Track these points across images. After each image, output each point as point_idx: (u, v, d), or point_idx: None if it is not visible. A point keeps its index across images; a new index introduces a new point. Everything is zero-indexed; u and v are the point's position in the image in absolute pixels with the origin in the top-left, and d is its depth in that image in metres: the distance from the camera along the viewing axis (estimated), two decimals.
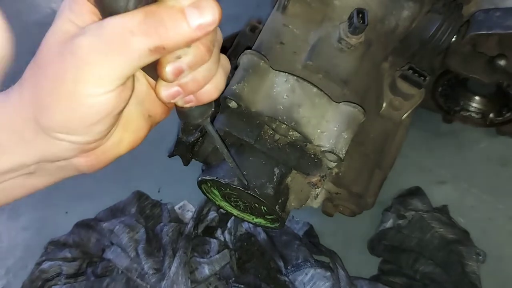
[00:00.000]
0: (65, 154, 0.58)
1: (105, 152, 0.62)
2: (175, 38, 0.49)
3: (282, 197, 1.07)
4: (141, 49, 0.48)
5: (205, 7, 0.49)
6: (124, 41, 0.48)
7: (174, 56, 0.52)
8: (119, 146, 0.63)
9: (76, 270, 1.51)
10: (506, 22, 1.19)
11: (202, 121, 0.63)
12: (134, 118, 0.64)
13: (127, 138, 0.63)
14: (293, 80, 1.04)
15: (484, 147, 1.67)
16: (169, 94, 0.55)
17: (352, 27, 1.05)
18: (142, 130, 0.65)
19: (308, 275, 1.38)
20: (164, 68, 0.51)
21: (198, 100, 0.58)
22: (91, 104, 0.51)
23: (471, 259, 1.41)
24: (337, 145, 1.00)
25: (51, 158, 0.59)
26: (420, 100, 1.21)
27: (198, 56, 0.53)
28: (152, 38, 0.48)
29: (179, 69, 0.52)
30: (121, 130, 0.62)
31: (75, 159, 0.60)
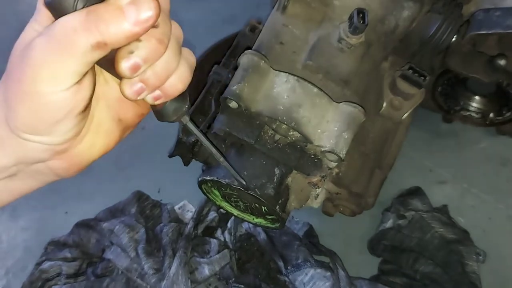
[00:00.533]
0: (38, 156, 0.60)
1: (78, 155, 0.64)
2: (116, 33, 0.51)
3: (283, 197, 1.07)
4: (83, 45, 0.51)
5: (143, 3, 0.51)
6: (68, 39, 0.51)
7: (126, 51, 0.53)
8: (91, 150, 0.65)
9: (76, 270, 1.50)
10: (506, 21, 1.18)
11: (178, 118, 0.65)
12: (105, 121, 0.66)
13: (99, 142, 0.66)
14: (293, 80, 1.04)
15: (484, 147, 1.67)
16: (133, 91, 0.56)
17: (352, 27, 1.05)
18: (113, 134, 0.67)
19: (308, 275, 1.38)
20: (119, 65, 0.53)
21: (166, 95, 0.60)
22: (49, 102, 0.53)
23: (471, 259, 1.41)
24: (338, 145, 1.00)
25: (26, 160, 0.61)
26: (420, 100, 1.21)
27: (151, 49, 0.54)
28: (93, 34, 0.50)
29: (134, 64, 0.53)
30: (92, 133, 0.64)
31: (50, 162, 0.62)
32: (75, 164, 0.65)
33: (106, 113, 0.66)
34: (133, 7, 0.51)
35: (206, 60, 1.71)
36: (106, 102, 0.65)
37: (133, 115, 0.69)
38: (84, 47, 0.51)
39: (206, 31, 1.67)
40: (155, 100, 0.60)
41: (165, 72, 0.57)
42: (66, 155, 0.62)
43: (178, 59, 0.59)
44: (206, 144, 0.76)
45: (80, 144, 0.63)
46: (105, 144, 0.67)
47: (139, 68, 0.54)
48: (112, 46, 0.52)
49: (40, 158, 0.61)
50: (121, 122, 0.68)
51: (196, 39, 1.72)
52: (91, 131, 0.64)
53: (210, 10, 2.13)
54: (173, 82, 0.59)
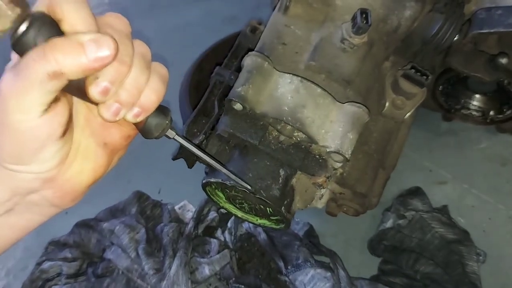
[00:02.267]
0: (28, 186, 0.62)
1: (68, 182, 0.65)
2: (73, 65, 0.53)
3: (288, 198, 1.07)
4: (40, 74, 0.52)
5: (103, 42, 0.53)
6: (28, 69, 0.52)
7: (93, 78, 0.56)
8: (81, 176, 0.66)
9: (77, 270, 1.50)
10: (508, 20, 1.19)
11: (162, 133, 0.67)
12: (90, 147, 0.67)
13: (88, 168, 0.67)
14: (297, 81, 1.04)
15: (484, 147, 1.67)
16: (111, 113, 0.58)
17: (355, 27, 1.05)
18: (101, 159, 0.69)
19: (308, 275, 1.38)
20: (89, 91, 0.56)
21: (144, 109, 0.62)
22: (24, 130, 0.55)
23: (471, 259, 1.41)
24: (343, 145, 1.00)
25: (19, 191, 0.62)
26: (422, 99, 1.21)
27: (116, 72, 0.56)
28: (50, 63, 0.52)
29: (103, 88, 0.56)
30: (80, 160, 0.66)
31: (43, 192, 0.64)
32: (68, 192, 0.66)
33: (91, 139, 0.67)
34: (93, 44, 0.53)
35: (206, 60, 1.72)
36: (90, 128, 0.67)
37: (119, 138, 0.70)
38: (41, 75, 0.52)
39: (206, 31, 1.67)
40: (136, 117, 0.61)
41: (136, 89, 0.59)
42: (56, 183, 0.64)
43: (147, 74, 0.61)
44: (202, 156, 0.77)
45: (68, 170, 0.64)
46: (94, 169, 0.68)
47: (108, 91, 0.56)
48: (68, 77, 0.53)
49: (31, 188, 0.62)
50: (107, 146, 0.69)
51: (196, 39, 1.73)
52: (79, 157, 0.65)
53: (210, 10, 2.13)
54: (147, 95, 0.61)
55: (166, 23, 2.35)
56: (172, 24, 2.35)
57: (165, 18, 2.38)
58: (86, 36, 0.54)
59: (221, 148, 1.14)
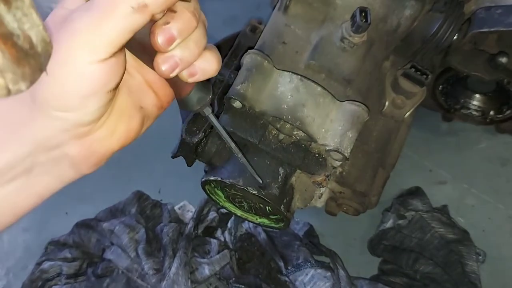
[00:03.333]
0: (60, 136, 0.59)
1: (98, 141, 0.63)
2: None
3: (287, 197, 1.07)
4: (125, 8, 0.52)
5: None
6: (109, 4, 0.52)
7: (162, 23, 0.55)
8: (112, 137, 0.64)
9: (76, 270, 1.51)
10: (508, 19, 1.19)
11: (201, 108, 0.67)
12: (127, 107, 0.65)
13: (120, 129, 0.65)
14: (297, 80, 1.04)
15: (484, 147, 1.67)
16: (169, 66, 0.58)
17: (355, 26, 1.04)
18: (135, 121, 0.67)
19: (308, 275, 1.38)
20: (156, 37, 0.55)
21: (203, 71, 0.61)
22: (83, 72, 0.54)
23: (471, 259, 1.41)
24: (342, 144, 1.00)
25: (45, 143, 0.59)
26: (422, 98, 1.21)
27: (186, 21, 0.56)
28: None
29: (170, 35, 0.55)
30: (114, 119, 0.63)
31: (69, 147, 0.61)
32: (94, 152, 0.64)
33: (128, 99, 0.66)
34: None
35: None
36: (127, 89, 0.66)
37: (153, 105, 0.70)
38: (125, 9, 0.52)
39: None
40: (191, 76, 0.61)
41: (197, 48, 0.59)
42: (87, 140, 0.61)
43: (206, 38, 0.60)
44: (226, 138, 0.77)
45: (101, 129, 0.62)
46: (126, 132, 0.66)
47: (173, 40, 0.56)
48: (152, 10, 0.53)
49: (59, 140, 0.59)
50: (142, 110, 0.68)
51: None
52: (112, 117, 0.63)
53: (210, 10, 2.12)
54: (209, 59, 0.61)
55: None
56: None
57: None
58: None
59: (221, 147, 1.14)
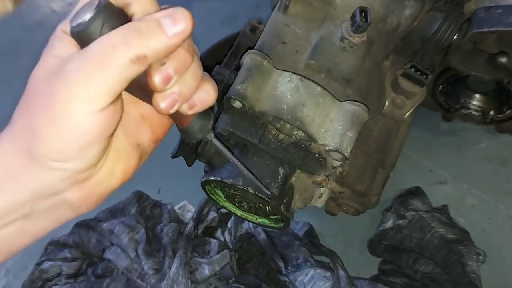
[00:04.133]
0: (58, 185, 0.59)
1: (98, 184, 0.64)
2: (155, 46, 0.53)
3: (287, 197, 1.07)
4: (124, 60, 0.52)
5: (178, 16, 0.54)
6: (107, 55, 0.52)
7: (158, 64, 0.56)
8: (111, 178, 0.65)
9: (76, 270, 1.50)
10: (508, 19, 1.19)
11: (204, 135, 0.67)
12: (124, 147, 0.66)
13: (119, 169, 0.66)
14: (297, 80, 1.04)
15: (484, 147, 1.67)
16: (168, 104, 0.58)
17: (355, 26, 1.04)
18: (132, 160, 0.68)
19: (308, 275, 1.38)
20: (153, 78, 0.55)
21: (201, 103, 0.62)
22: (83, 123, 0.54)
23: (471, 259, 1.41)
24: (342, 144, 1.00)
25: (44, 192, 0.60)
26: (422, 98, 1.21)
27: (181, 60, 0.57)
28: (133, 48, 0.52)
29: (167, 75, 0.56)
30: (112, 160, 0.64)
31: (68, 193, 0.61)
32: (94, 194, 0.64)
33: (125, 139, 0.67)
34: (169, 20, 0.53)
35: (206, 60, 1.71)
36: (123, 128, 0.66)
37: (150, 140, 0.70)
38: (124, 61, 0.52)
39: (206, 31, 1.66)
40: (190, 109, 0.62)
41: (194, 81, 0.60)
42: (86, 184, 0.62)
43: (202, 69, 0.61)
44: (231, 159, 0.77)
45: (99, 172, 0.63)
46: (124, 170, 0.66)
47: (170, 80, 0.56)
48: (151, 60, 0.54)
49: (59, 188, 0.60)
50: (140, 147, 0.69)
51: (196, 39, 1.71)
52: (110, 158, 0.64)
53: (210, 10, 2.13)
54: (207, 90, 0.62)
55: None
56: None
57: None
58: (159, 14, 0.55)
59: None
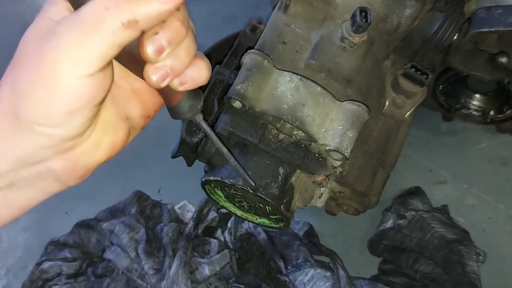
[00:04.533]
0: (42, 153, 0.58)
1: (83, 155, 0.62)
2: (147, 11, 0.52)
3: (287, 196, 1.07)
4: (115, 23, 0.51)
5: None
6: (98, 18, 0.51)
7: (151, 33, 0.54)
8: (97, 150, 0.64)
9: (76, 270, 1.50)
10: (508, 19, 1.19)
11: (192, 116, 0.66)
12: (112, 119, 0.65)
13: (105, 142, 0.64)
14: (297, 79, 1.04)
15: (484, 147, 1.67)
16: (159, 76, 0.57)
17: (355, 26, 1.04)
18: (120, 132, 0.66)
19: (308, 275, 1.38)
20: (145, 48, 0.54)
21: (193, 80, 0.61)
22: (71, 87, 0.53)
23: (471, 259, 1.41)
24: (342, 143, 1.00)
25: (26, 159, 0.58)
26: (423, 98, 1.21)
27: (175, 31, 0.55)
28: (124, 12, 0.51)
29: (159, 46, 0.54)
30: (98, 132, 0.63)
31: (52, 162, 0.60)
32: (79, 166, 0.63)
33: (113, 110, 0.66)
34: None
35: None
36: (112, 100, 0.65)
37: (140, 115, 0.69)
38: (116, 25, 0.51)
39: (206, 31, 1.66)
40: (182, 84, 0.60)
41: (188, 56, 0.58)
42: (71, 154, 0.61)
43: (196, 45, 0.60)
44: (217, 143, 0.77)
45: (86, 142, 0.62)
46: (111, 144, 0.65)
47: (163, 50, 0.55)
48: (142, 25, 0.53)
49: (43, 155, 0.59)
50: (128, 121, 0.68)
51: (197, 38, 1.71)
52: (97, 130, 0.63)
53: (210, 10, 2.13)
54: (200, 67, 0.61)
55: None
56: None
57: None
58: None
59: None
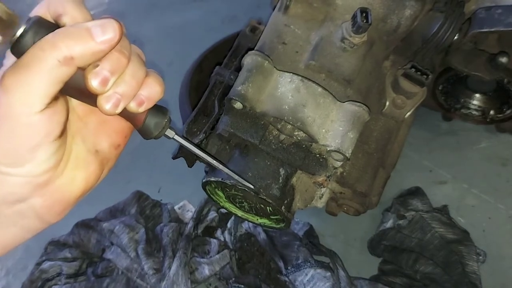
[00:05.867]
0: (19, 191, 0.61)
1: (59, 190, 0.65)
2: (83, 49, 0.55)
3: (288, 197, 1.07)
4: (51, 62, 0.54)
5: (107, 25, 0.56)
6: (35, 58, 0.54)
7: (92, 66, 0.58)
8: (72, 184, 0.66)
9: (76, 270, 1.50)
10: (508, 19, 1.19)
11: (161, 133, 0.68)
12: (82, 154, 0.68)
13: (79, 176, 0.67)
14: (297, 80, 1.04)
15: (484, 147, 1.67)
16: (112, 104, 0.59)
17: (355, 26, 1.05)
18: (92, 166, 0.69)
19: (308, 275, 1.38)
20: (89, 81, 0.57)
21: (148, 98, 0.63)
22: (24, 125, 0.56)
23: (471, 259, 1.40)
24: (343, 144, 1.00)
25: (6, 198, 0.61)
26: (423, 98, 1.21)
27: (115, 61, 0.58)
28: (60, 50, 0.54)
29: (103, 77, 0.57)
30: (71, 168, 0.66)
31: (32, 200, 0.63)
32: (57, 201, 0.65)
33: (83, 146, 0.68)
34: (99, 28, 0.56)
35: (206, 60, 1.71)
36: (81, 137, 0.68)
37: (110, 145, 0.71)
38: (51, 62, 0.54)
39: (206, 31, 1.67)
40: (139, 106, 0.63)
41: (135, 81, 0.61)
42: (47, 190, 0.63)
43: (144, 70, 0.63)
44: (202, 155, 0.78)
45: (60, 178, 0.64)
46: (85, 178, 0.68)
47: (107, 81, 0.58)
48: (78, 62, 0.56)
49: (21, 194, 0.61)
50: (98, 154, 0.70)
51: (196, 39, 1.71)
52: (70, 165, 0.66)
53: (210, 10, 2.13)
54: (151, 85, 0.63)
55: (165, 23, 2.36)
56: (171, 24, 2.36)
57: (164, 18, 2.39)
58: (90, 22, 0.57)
59: (222, 148, 1.14)
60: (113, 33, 0.56)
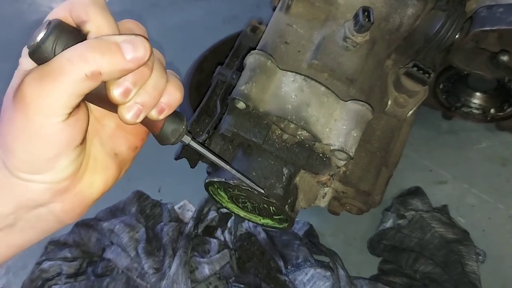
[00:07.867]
0: (39, 197, 0.61)
1: (79, 194, 0.65)
2: (110, 66, 0.54)
3: (291, 197, 1.06)
4: (78, 75, 0.53)
5: (138, 43, 0.56)
6: (61, 70, 0.53)
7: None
8: (91, 188, 0.66)
9: (76, 269, 1.50)
10: (509, 18, 1.19)
11: (178, 139, 0.68)
12: (101, 158, 0.68)
13: (98, 179, 0.67)
14: (300, 79, 1.03)
15: (485, 147, 1.68)
16: (133, 114, 0.59)
17: (358, 25, 1.04)
18: (111, 170, 0.69)
19: (308, 274, 1.38)
20: (111, 92, 0.56)
21: (168, 106, 0.63)
22: (46, 135, 0.55)
23: (471, 259, 1.41)
24: (347, 143, 1.00)
25: (27, 204, 0.61)
26: (425, 97, 1.21)
27: (139, 73, 0.58)
28: (88, 64, 0.53)
29: (125, 89, 0.57)
30: (90, 172, 0.66)
31: (51, 205, 0.63)
32: (77, 205, 0.65)
33: (101, 149, 0.68)
34: (129, 45, 0.55)
35: (207, 60, 1.71)
36: (99, 139, 0.68)
37: (127, 148, 0.72)
38: (78, 76, 0.53)
39: (206, 31, 1.67)
40: (159, 113, 0.63)
41: (157, 90, 0.60)
42: (67, 195, 0.63)
43: (166, 78, 0.63)
44: (216, 161, 0.77)
45: (80, 183, 0.64)
46: (104, 181, 0.68)
47: (130, 92, 0.57)
48: (105, 78, 0.55)
49: (41, 200, 0.61)
50: (117, 157, 0.70)
51: (196, 39, 1.71)
52: (89, 169, 0.66)
53: (210, 10, 2.13)
54: (171, 92, 0.63)
55: (166, 22, 2.36)
56: (172, 23, 2.36)
57: (165, 17, 2.39)
58: (121, 37, 0.56)
59: (225, 147, 1.14)
60: (143, 52, 0.56)
